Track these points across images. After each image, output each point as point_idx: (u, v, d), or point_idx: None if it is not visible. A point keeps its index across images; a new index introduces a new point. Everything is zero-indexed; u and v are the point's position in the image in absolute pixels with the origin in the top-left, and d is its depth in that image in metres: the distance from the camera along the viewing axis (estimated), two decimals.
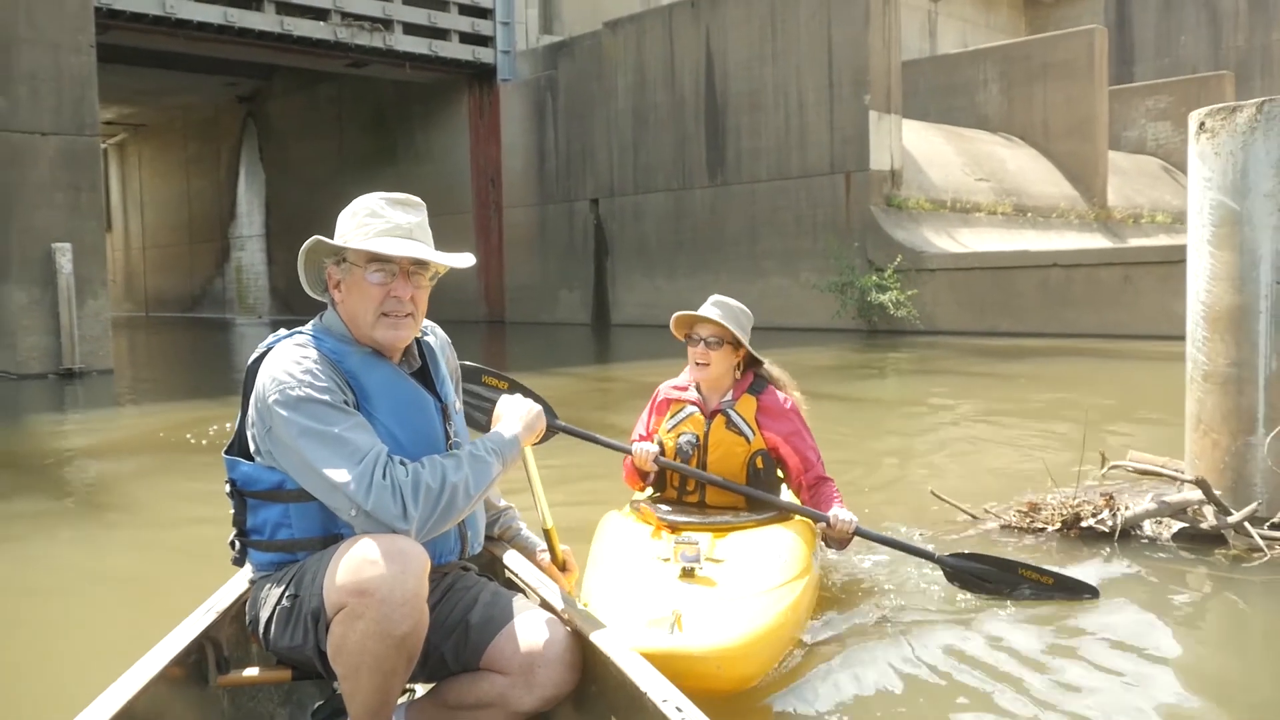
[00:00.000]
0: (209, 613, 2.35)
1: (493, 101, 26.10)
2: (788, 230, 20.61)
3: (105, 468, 7.57)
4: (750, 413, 3.75)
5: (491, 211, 26.61)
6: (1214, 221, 4.46)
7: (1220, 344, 4.47)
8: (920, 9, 42.23)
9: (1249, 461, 4.39)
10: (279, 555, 2.30)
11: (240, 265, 35.36)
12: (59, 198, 13.38)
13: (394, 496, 2.09)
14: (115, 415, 10.75)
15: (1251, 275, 4.34)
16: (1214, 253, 4.47)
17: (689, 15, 22.26)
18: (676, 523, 3.52)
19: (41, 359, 13.52)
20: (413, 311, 2.36)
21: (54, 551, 5.12)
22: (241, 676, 2.35)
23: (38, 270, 13.33)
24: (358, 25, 23.00)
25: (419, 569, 2.06)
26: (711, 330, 3.71)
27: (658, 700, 1.97)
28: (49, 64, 13.20)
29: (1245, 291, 4.36)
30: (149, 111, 36.85)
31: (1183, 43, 43.22)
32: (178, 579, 4.40)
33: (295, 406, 2.16)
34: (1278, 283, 4.28)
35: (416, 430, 2.34)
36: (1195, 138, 4.56)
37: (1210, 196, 4.46)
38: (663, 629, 2.73)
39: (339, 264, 2.37)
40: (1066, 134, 26.37)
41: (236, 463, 2.31)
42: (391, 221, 2.34)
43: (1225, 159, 4.39)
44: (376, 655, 2.04)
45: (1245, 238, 4.35)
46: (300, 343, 2.31)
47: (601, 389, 12.25)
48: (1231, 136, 4.37)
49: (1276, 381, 4.32)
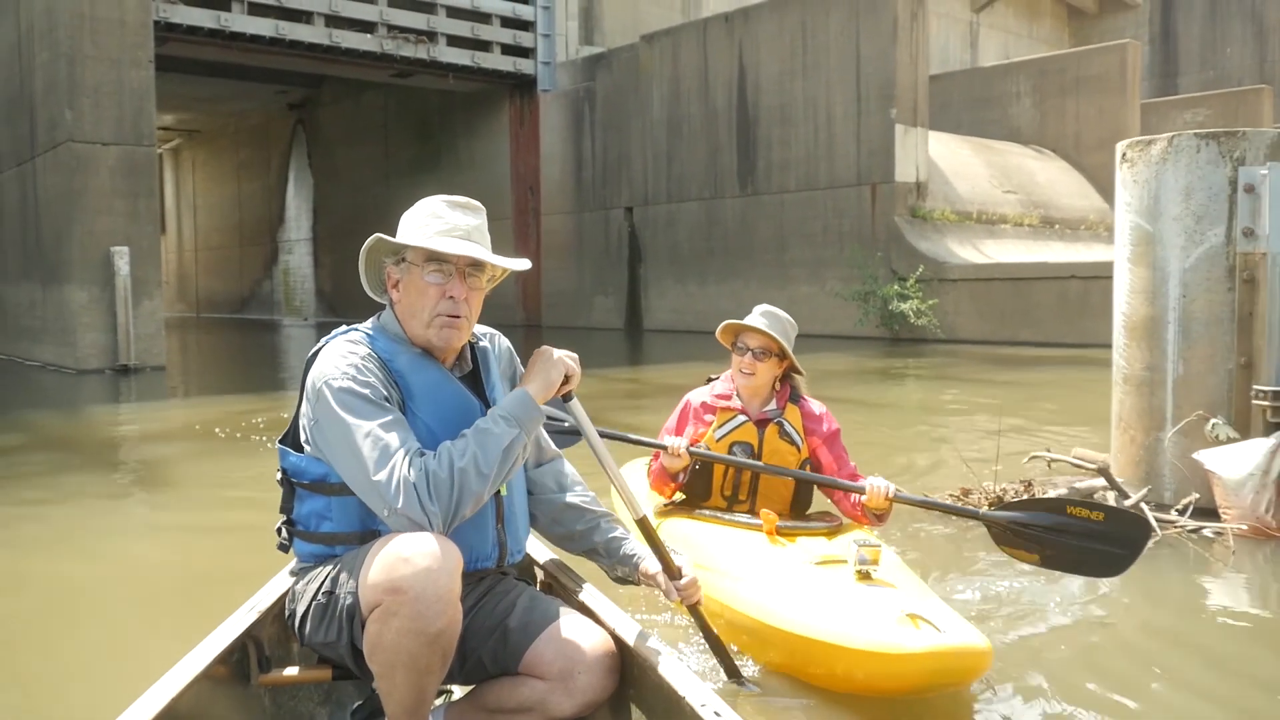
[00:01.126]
0: (251, 611, 2.39)
1: (533, 111, 26.82)
2: (815, 239, 21.12)
3: (154, 451, 8.35)
4: (798, 421, 3.81)
5: (530, 218, 27.33)
6: (1132, 241, 5.00)
7: (1137, 350, 5.01)
8: (962, 20, 42.37)
9: (1158, 455, 4.93)
10: (319, 547, 2.35)
11: (288, 268, 36.37)
12: (118, 204, 14.26)
13: (416, 493, 2.11)
14: (166, 407, 11.57)
15: (1162, 289, 4.88)
16: (1132, 269, 5.01)
17: (723, 29, 22.87)
18: (787, 528, 3.49)
19: (99, 355, 14.40)
20: (466, 314, 2.38)
21: (104, 522, 5.84)
22: (282, 676, 2.38)
23: (97, 272, 14.22)
24: (403, 38, 23.77)
25: (452, 566, 2.08)
26: (760, 341, 3.75)
27: (696, 705, 1.97)
28: (111, 78, 14.09)
29: (1156, 304, 4.90)
30: (203, 118, 37.99)
31: (1228, 54, 43.09)
32: (217, 553, 5.08)
33: (336, 398, 2.21)
34: (1184, 296, 4.81)
35: (458, 433, 2.31)
36: (1119, 166, 5.10)
37: (1129, 219, 5.00)
38: (917, 629, 2.73)
39: (398, 263, 2.41)
40: (1098, 147, 26.59)
41: (287, 452, 2.37)
42: (451, 222, 2.38)
43: (1142, 186, 4.93)
44: (411, 653, 2.06)
45: (1157, 256, 4.89)
46: (353, 339, 2.36)
47: (632, 390, 12.86)
48: (1147, 166, 4.91)
49: (1183, 384, 4.85)
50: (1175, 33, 44.39)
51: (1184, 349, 4.82)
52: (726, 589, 3.25)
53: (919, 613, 2.79)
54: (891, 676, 2.71)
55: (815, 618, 2.92)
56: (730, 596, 3.22)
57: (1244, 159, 4.65)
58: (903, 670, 2.67)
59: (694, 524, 3.69)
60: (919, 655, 2.65)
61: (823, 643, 2.85)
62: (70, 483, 6.98)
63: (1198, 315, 4.79)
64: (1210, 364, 4.78)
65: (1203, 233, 4.74)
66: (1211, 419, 4.71)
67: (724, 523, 3.63)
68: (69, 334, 14.46)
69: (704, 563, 3.34)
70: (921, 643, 2.66)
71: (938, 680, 2.72)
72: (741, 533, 3.53)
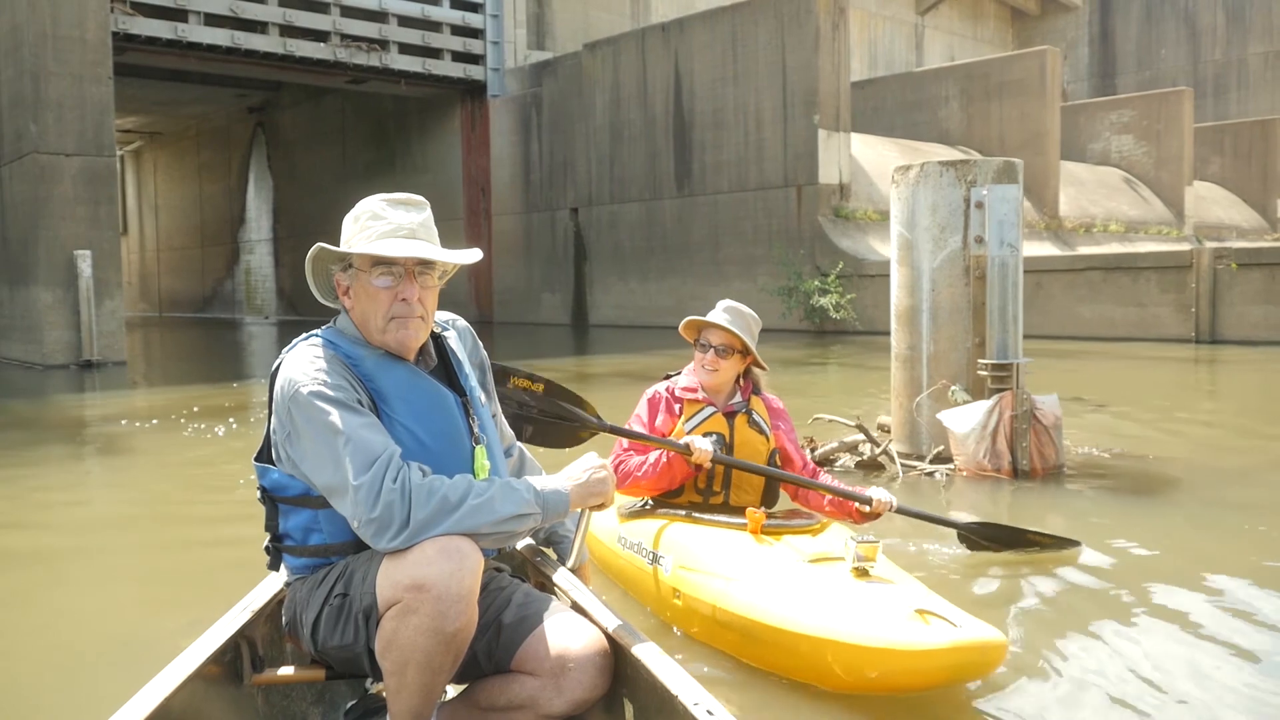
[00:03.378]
0: (244, 611, 2.38)
1: (483, 116, 27.94)
2: (746, 238, 22.40)
3: (113, 429, 9.47)
4: (764, 413, 3.86)
5: (482, 218, 28.46)
6: (899, 246, 6.27)
7: (903, 333, 6.28)
8: (907, 23, 43.59)
9: (919, 417, 6.19)
10: (313, 559, 2.32)
11: (249, 268, 37.30)
12: (80, 210, 15.31)
13: (402, 501, 2.08)
14: (126, 396, 12.67)
15: (918, 285, 6.15)
16: (899, 268, 6.28)
17: (660, 38, 24.11)
18: (772, 527, 3.47)
19: (64, 351, 15.45)
20: (423, 313, 2.34)
21: (71, 488, 7.00)
22: (276, 675, 2.39)
23: (61, 274, 15.26)
24: (355, 46, 24.73)
25: (474, 567, 2.08)
26: (723, 339, 3.75)
27: (689, 703, 1.96)
28: (73, 93, 15.13)
29: (915, 296, 6.17)
30: (164, 120, 38.77)
31: (1163, 56, 44.82)
32: (178, 505, 6.24)
33: (308, 403, 2.17)
34: (933, 290, 6.08)
35: (437, 428, 2.32)
36: (891, 187, 6.36)
37: (896, 228, 6.28)
38: (928, 624, 2.77)
39: (345, 270, 2.36)
40: (1021, 148, 28.03)
41: (267, 469, 2.32)
42: (394, 222, 2.31)
43: (903, 202, 6.20)
44: (427, 651, 2.06)
45: (914, 258, 6.16)
46: (313, 344, 2.32)
47: (581, 376, 14.02)
48: (907, 186, 6.17)
49: (934, 360, 6.13)
50: (1113, 34, 46.06)
51: (934, 332, 6.09)
52: (718, 590, 3.23)
53: (928, 609, 2.84)
54: (910, 673, 2.75)
55: (819, 617, 2.91)
56: (722, 598, 3.19)
57: (975, 182, 5.92)
58: (922, 666, 2.72)
59: (675, 525, 3.62)
60: (940, 651, 2.69)
61: (832, 641, 2.85)
62: (37, 454, 8.15)
63: (943, 305, 6.06)
64: (953, 343, 6.06)
65: (945, 240, 6.01)
66: (952, 386, 5.98)
67: (706, 523, 3.58)
68: (35, 331, 15.49)
69: (690, 564, 3.36)
70: (940, 638, 2.70)
71: (957, 675, 2.79)
72: (726, 532, 3.48)
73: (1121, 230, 29.51)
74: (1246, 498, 5.58)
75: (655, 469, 3.65)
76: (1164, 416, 8.56)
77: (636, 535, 3.71)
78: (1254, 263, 16.01)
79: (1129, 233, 29.70)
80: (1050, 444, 5.80)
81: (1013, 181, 5.92)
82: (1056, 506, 5.45)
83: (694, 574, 3.31)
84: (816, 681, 2.96)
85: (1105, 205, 30.80)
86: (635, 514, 3.81)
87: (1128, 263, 17.57)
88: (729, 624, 3.16)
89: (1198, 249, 16.80)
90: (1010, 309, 5.89)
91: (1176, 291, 16.64)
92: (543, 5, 28.50)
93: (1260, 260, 16.03)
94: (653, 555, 3.57)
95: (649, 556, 3.59)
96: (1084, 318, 17.65)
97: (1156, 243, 28.90)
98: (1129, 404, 9.54)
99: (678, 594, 3.39)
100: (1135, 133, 34.07)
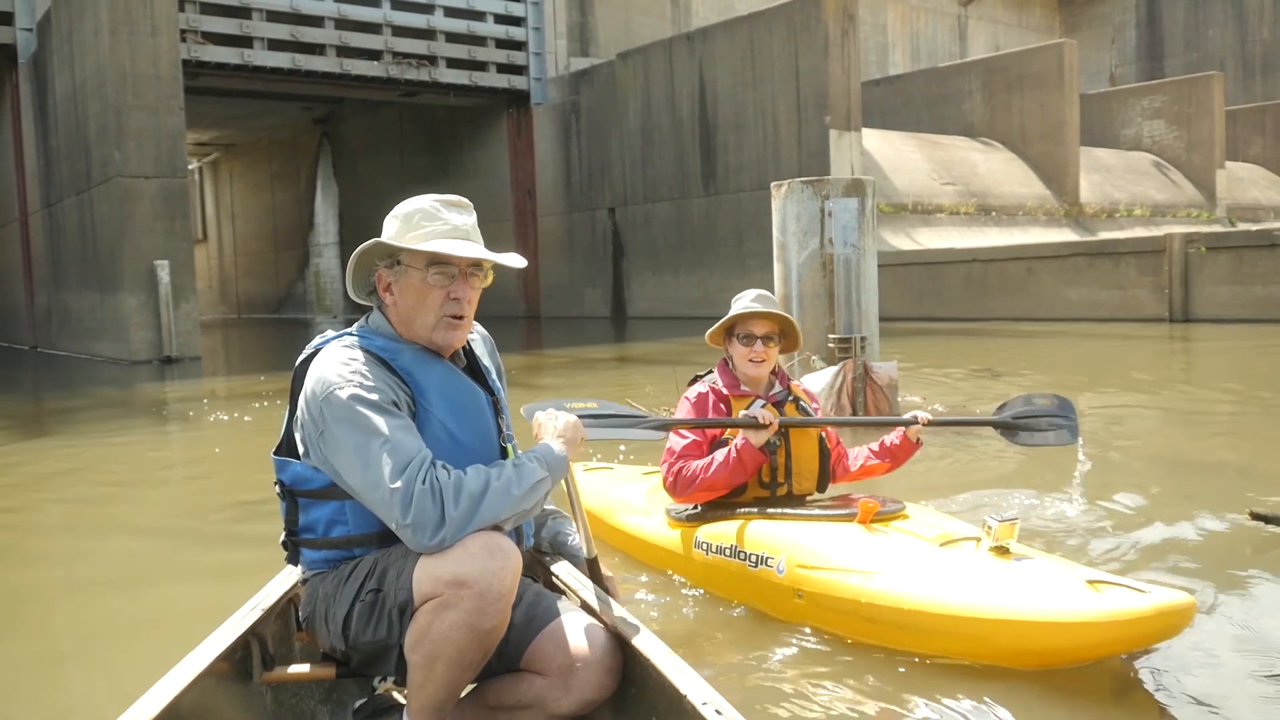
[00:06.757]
0: (254, 609, 2.37)
1: (527, 123, 29.73)
2: (767, 233, 23.63)
3: (189, 407, 11.50)
4: (804, 396, 3.85)
5: (529, 220, 30.30)
6: (778, 246, 7.92)
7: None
8: (950, 14, 44.23)
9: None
10: (334, 553, 2.30)
11: (318, 270, 39.50)
12: (158, 225, 17.47)
13: (434, 500, 2.07)
14: (200, 384, 14.79)
15: (790, 278, 7.79)
16: (777, 264, 7.94)
17: (685, 47, 25.73)
18: (884, 514, 3.44)
19: (147, 348, 17.62)
20: (468, 314, 2.37)
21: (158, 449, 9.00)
22: (285, 673, 2.39)
23: (143, 281, 17.43)
24: (407, 63, 26.52)
25: (516, 566, 2.10)
26: (767, 327, 3.69)
27: (698, 703, 1.95)
28: (150, 124, 17.27)
29: (787, 285, 7.82)
30: (237, 133, 41.04)
31: (1210, 37, 44.97)
32: (236, 470, 8.16)
33: (345, 406, 2.16)
34: (800, 282, 7.72)
35: (473, 425, 2.34)
36: (773, 199, 8.00)
37: (775, 233, 7.91)
38: (1115, 594, 2.76)
39: (391, 266, 2.35)
40: (1041, 138, 29.16)
41: (287, 463, 2.32)
42: (451, 223, 2.34)
43: (779, 211, 7.84)
44: (459, 647, 2.07)
45: (786, 256, 7.80)
46: (348, 344, 2.31)
47: (622, 359, 15.62)
48: (780, 199, 7.81)
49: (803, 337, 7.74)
50: (1160, 16, 46.18)
51: (801, 315, 7.70)
52: (857, 585, 3.16)
53: (1097, 579, 2.85)
54: (1111, 643, 2.78)
55: (995, 598, 2.89)
56: (866, 594, 3.13)
57: (829, 195, 7.53)
58: (1124, 635, 2.74)
59: (772, 524, 3.53)
60: (1142, 617, 2.69)
61: (1017, 621, 2.84)
62: (128, 423, 10.28)
63: (807, 294, 7.69)
64: (816, 324, 7.68)
65: (807, 243, 7.63)
66: (813, 356, 7.60)
67: (809, 519, 3.51)
68: (122, 332, 17.69)
69: (811, 562, 3.30)
70: (1140, 604, 2.70)
71: (1155, 639, 2.81)
72: (835, 526, 3.42)
73: (1147, 214, 30.32)
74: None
75: (727, 465, 3.57)
76: (1058, 385, 10.02)
77: (721, 539, 3.63)
78: (1221, 246, 17.19)
79: (1155, 216, 30.50)
80: (884, 399, 7.38)
81: (859, 195, 7.52)
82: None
83: (820, 572, 3.27)
84: (997, 661, 2.92)
85: (1131, 190, 31.58)
86: (700, 517, 3.76)
87: (1110, 248, 18.82)
88: (877, 617, 3.11)
89: (1169, 235, 17.97)
90: (854, 296, 7.49)
91: (1153, 274, 17.85)
92: (586, 14, 30.10)
93: (1227, 244, 17.21)
94: (755, 558, 3.49)
95: (750, 560, 3.50)
96: (1071, 300, 18.94)
97: (1183, 225, 29.71)
98: (1044, 374, 11.00)
99: (800, 593, 3.32)
100: (1166, 117, 34.74)
